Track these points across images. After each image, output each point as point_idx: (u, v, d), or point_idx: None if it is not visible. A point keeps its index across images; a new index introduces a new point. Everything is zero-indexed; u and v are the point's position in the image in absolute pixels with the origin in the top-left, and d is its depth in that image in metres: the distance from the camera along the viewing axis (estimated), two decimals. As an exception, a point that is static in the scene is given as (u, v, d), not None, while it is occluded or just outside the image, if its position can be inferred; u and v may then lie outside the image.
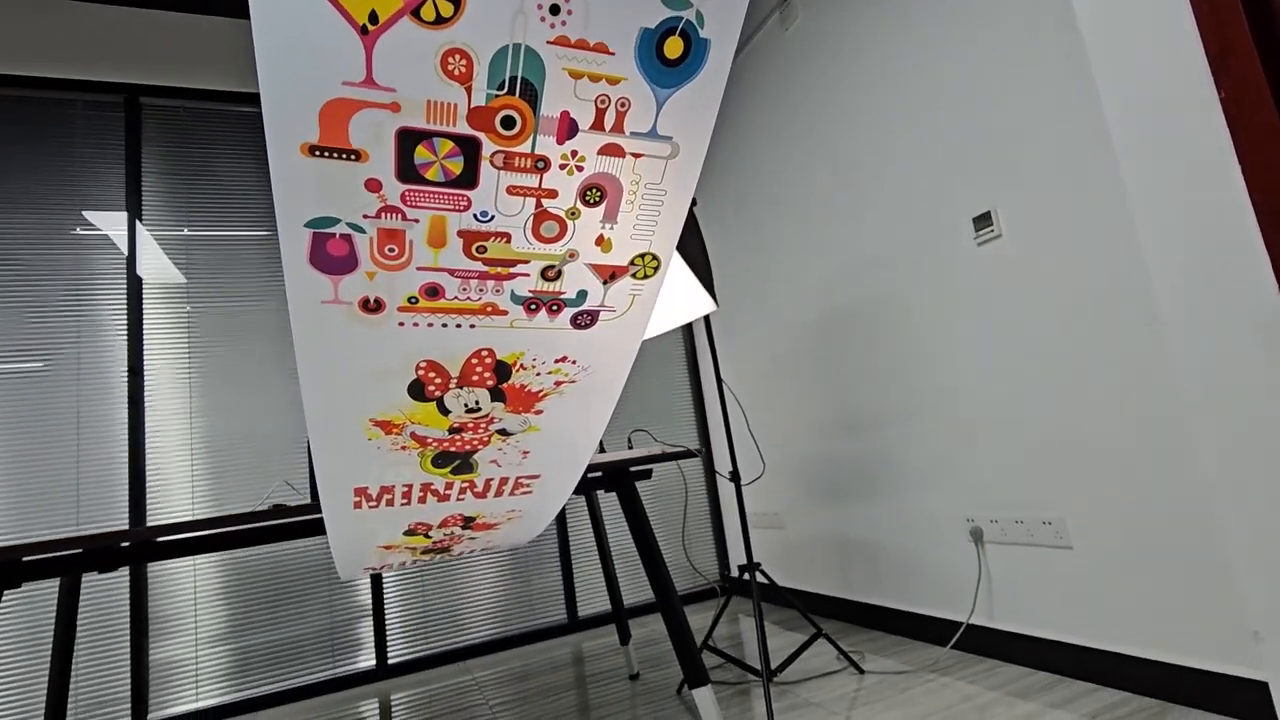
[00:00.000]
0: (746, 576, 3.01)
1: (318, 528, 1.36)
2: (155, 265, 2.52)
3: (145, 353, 2.46)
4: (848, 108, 2.23)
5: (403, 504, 0.93)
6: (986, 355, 1.80)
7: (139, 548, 1.27)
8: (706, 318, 1.81)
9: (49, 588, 2.21)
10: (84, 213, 2.46)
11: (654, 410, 3.22)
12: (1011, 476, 1.75)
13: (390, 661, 2.54)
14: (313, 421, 0.76)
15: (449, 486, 0.94)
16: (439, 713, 2.03)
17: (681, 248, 1.58)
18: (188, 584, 2.36)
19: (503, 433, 0.87)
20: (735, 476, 1.78)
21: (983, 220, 1.77)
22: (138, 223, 2.53)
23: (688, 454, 1.63)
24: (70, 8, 2.57)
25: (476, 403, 0.81)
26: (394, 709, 2.13)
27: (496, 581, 2.76)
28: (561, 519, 2.93)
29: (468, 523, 0.99)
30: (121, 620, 2.27)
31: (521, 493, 1.01)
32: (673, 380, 3.31)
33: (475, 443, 0.87)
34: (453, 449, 0.86)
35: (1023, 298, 1.69)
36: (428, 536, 0.97)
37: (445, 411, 0.80)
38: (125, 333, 2.44)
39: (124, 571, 2.30)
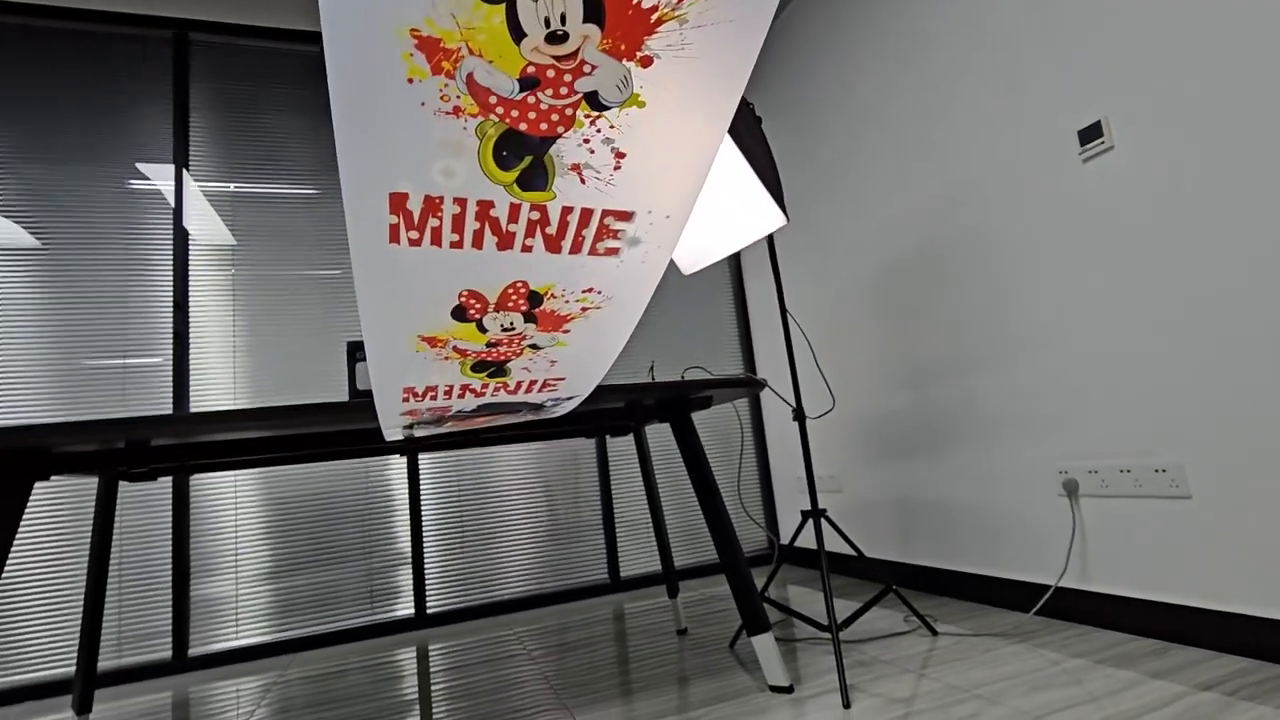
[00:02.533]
0: (783, 543, 2.86)
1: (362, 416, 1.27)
2: (203, 221, 2.49)
3: (190, 293, 2.43)
4: (927, 9, 2.04)
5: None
6: (1089, 287, 1.61)
7: (177, 450, 1.20)
8: (770, 240, 1.66)
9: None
10: (137, 164, 2.43)
11: (697, 344, 3.08)
12: (1117, 423, 1.56)
13: (429, 611, 2.48)
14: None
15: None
16: (479, 660, 1.95)
17: (749, 154, 1.44)
18: (229, 522, 2.34)
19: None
20: (799, 415, 1.63)
21: (1091, 132, 1.57)
22: (185, 172, 2.49)
23: (753, 382, 1.49)
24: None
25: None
26: (433, 656, 2.05)
27: (538, 538, 2.68)
28: (605, 473, 2.82)
29: (530, 315, 0.89)
30: (164, 555, 2.25)
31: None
32: (718, 313, 3.17)
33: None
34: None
35: (1138, 218, 1.49)
36: (482, 330, 0.86)
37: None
38: (171, 273, 2.41)
39: (166, 504, 2.28)
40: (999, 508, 1.87)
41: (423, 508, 2.55)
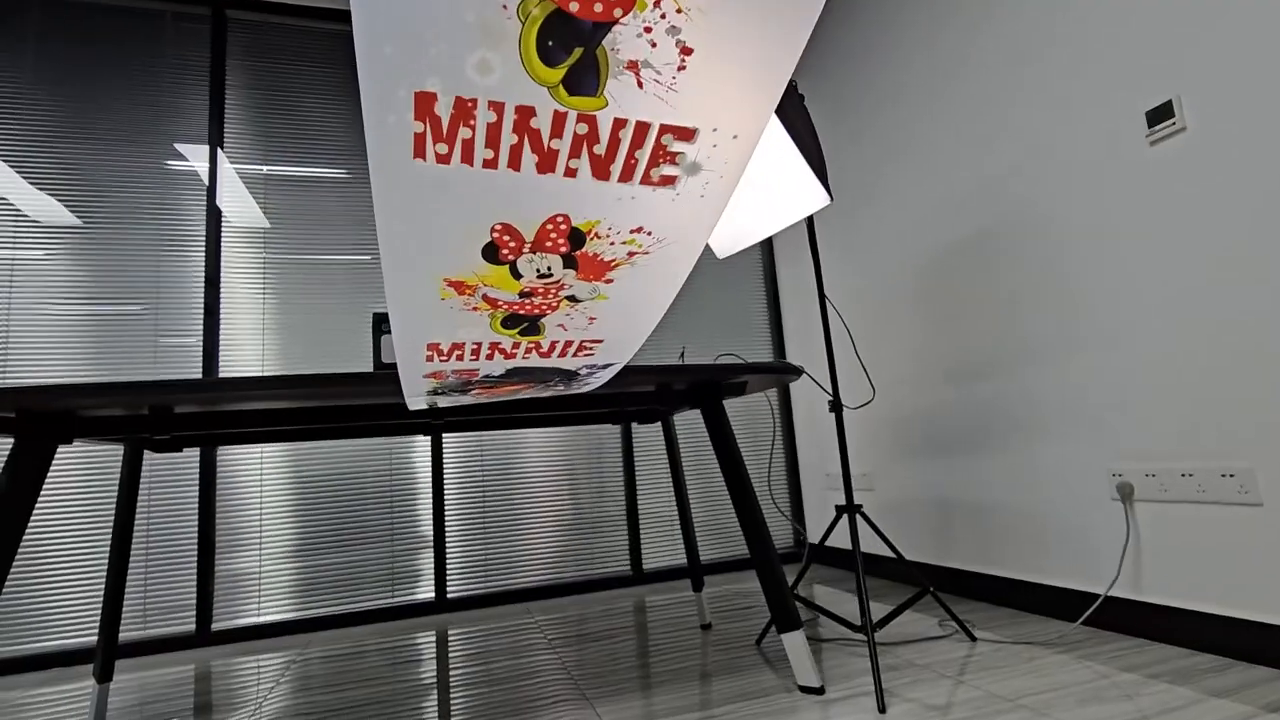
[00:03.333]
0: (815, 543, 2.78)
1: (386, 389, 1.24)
2: (237, 203, 2.49)
3: (222, 272, 2.44)
4: None
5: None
6: (1152, 279, 1.51)
7: (201, 418, 1.18)
8: (810, 221, 1.59)
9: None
10: (176, 145, 2.43)
11: (726, 331, 3.01)
12: (1179, 424, 1.46)
13: (449, 595, 2.46)
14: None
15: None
16: (498, 647, 1.92)
17: (791, 128, 1.37)
18: (254, 499, 2.34)
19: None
20: (836, 405, 1.56)
21: (1160, 113, 1.47)
22: (219, 152, 2.49)
23: (790, 370, 1.42)
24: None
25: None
26: (452, 641, 2.03)
27: (560, 527, 2.64)
28: (629, 462, 2.77)
29: (570, 259, 0.79)
30: (190, 529, 2.26)
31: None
32: (748, 299, 3.10)
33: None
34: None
35: (1210, 206, 1.39)
36: (516, 275, 0.77)
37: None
38: (204, 250, 2.42)
39: (193, 478, 2.29)
40: (1044, 510, 1.78)
41: (445, 492, 2.53)
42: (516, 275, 0.76)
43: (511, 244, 0.72)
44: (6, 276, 2.23)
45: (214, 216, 2.44)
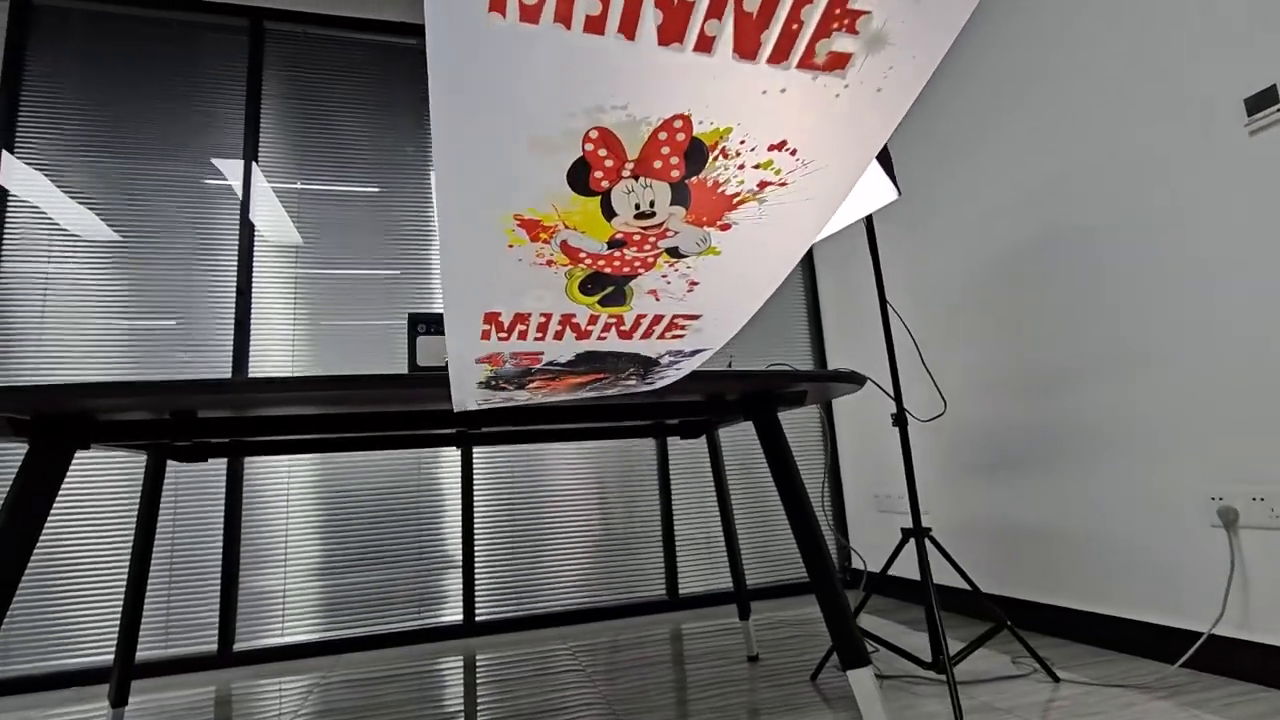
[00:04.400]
0: (864, 569, 2.61)
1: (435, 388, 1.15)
2: (271, 219, 2.46)
3: (254, 279, 2.40)
4: (1047, -4, 1.83)
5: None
6: (1254, 282, 1.36)
7: (224, 424, 1.10)
8: (870, 221, 1.48)
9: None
10: (213, 160, 2.42)
11: (760, 340, 2.89)
12: (1292, 438, 1.31)
13: (478, 618, 2.35)
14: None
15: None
16: (529, 674, 1.80)
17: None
18: (280, 515, 2.27)
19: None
20: (900, 419, 1.43)
21: (1263, 99, 1.34)
22: (254, 166, 2.47)
23: (853, 378, 1.31)
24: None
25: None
26: (481, 667, 1.92)
27: (592, 548, 2.52)
28: (665, 479, 2.65)
29: (681, 189, 0.61)
30: (215, 544, 2.19)
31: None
32: (784, 307, 2.98)
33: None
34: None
35: (1326, 195, 1.25)
36: (608, 211, 0.60)
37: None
38: (236, 259, 2.39)
39: (220, 492, 2.23)
40: (1131, 538, 1.62)
41: (475, 509, 2.44)
42: (609, 212, 0.59)
43: (609, 162, 0.55)
44: (41, 289, 2.22)
45: (247, 229, 2.41)
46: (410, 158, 2.64)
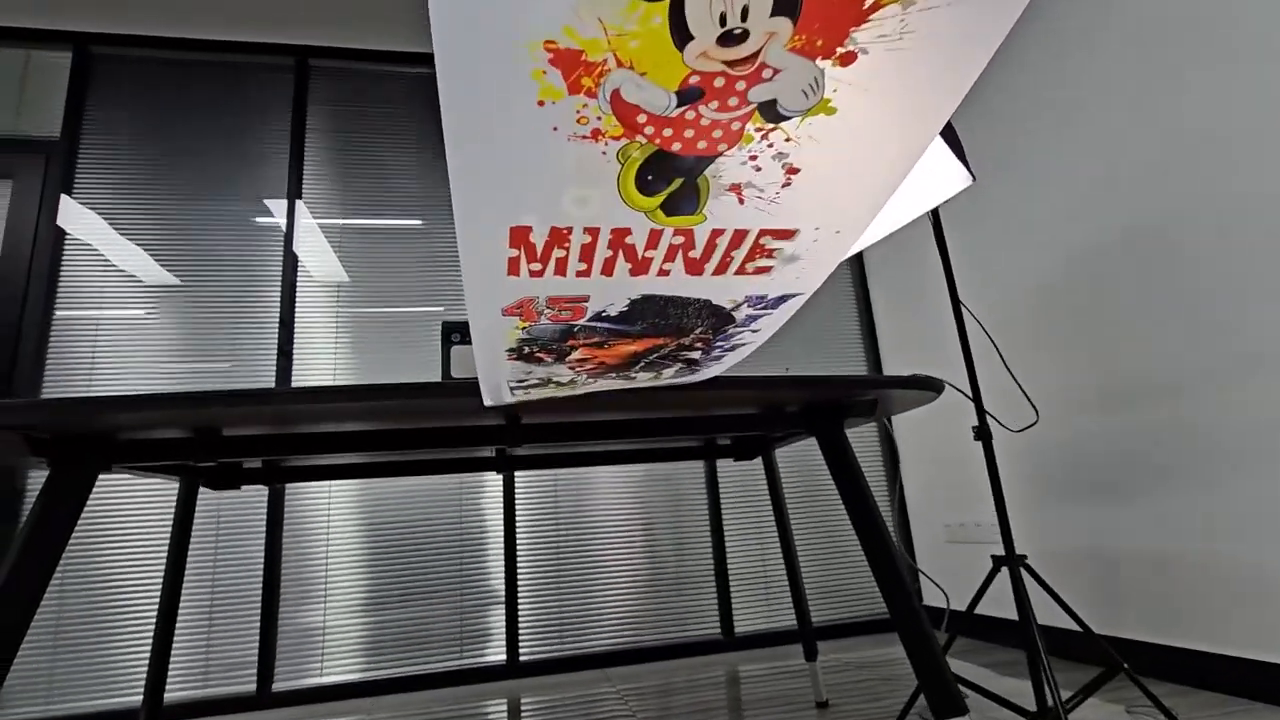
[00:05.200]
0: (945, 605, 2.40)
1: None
2: (317, 256, 2.47)
3: (296, 312, 2.40)
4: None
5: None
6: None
7: (255, 442, 1.04)
8: (935, 214, 1.36)
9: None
10: (264, 200, 2.46)
11: (805, 347, 2.74)
12: None
13: (521, 659, 2.23)
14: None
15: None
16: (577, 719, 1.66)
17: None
18: (320, 548, 2.21)
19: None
20: (983, 432, 1.28)
21: (1392, 57, 1.18)
22: (298, 204, 2.50)
23: (931, 384, 1.17)
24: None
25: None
26: (526, 713, 1.79)
27: (639, 583, 2.38)
28: (715, 506, 2.51)
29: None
30: (255, 579, 2.14)
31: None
32: (830, 309, 2.83)
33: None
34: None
35: None
36: (682, 37, 0.41)
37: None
38: (279, 295, 2.40)
39: (261, 520, 2.18)
40: (1260, 566, 1.41)
41: (517, 542, 2.34)
42: (681, 31, 0.40)
43: None
44: (93, 332, 2.25)
45: (290, 260, 2.42)
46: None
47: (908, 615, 1.14)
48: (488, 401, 0.76)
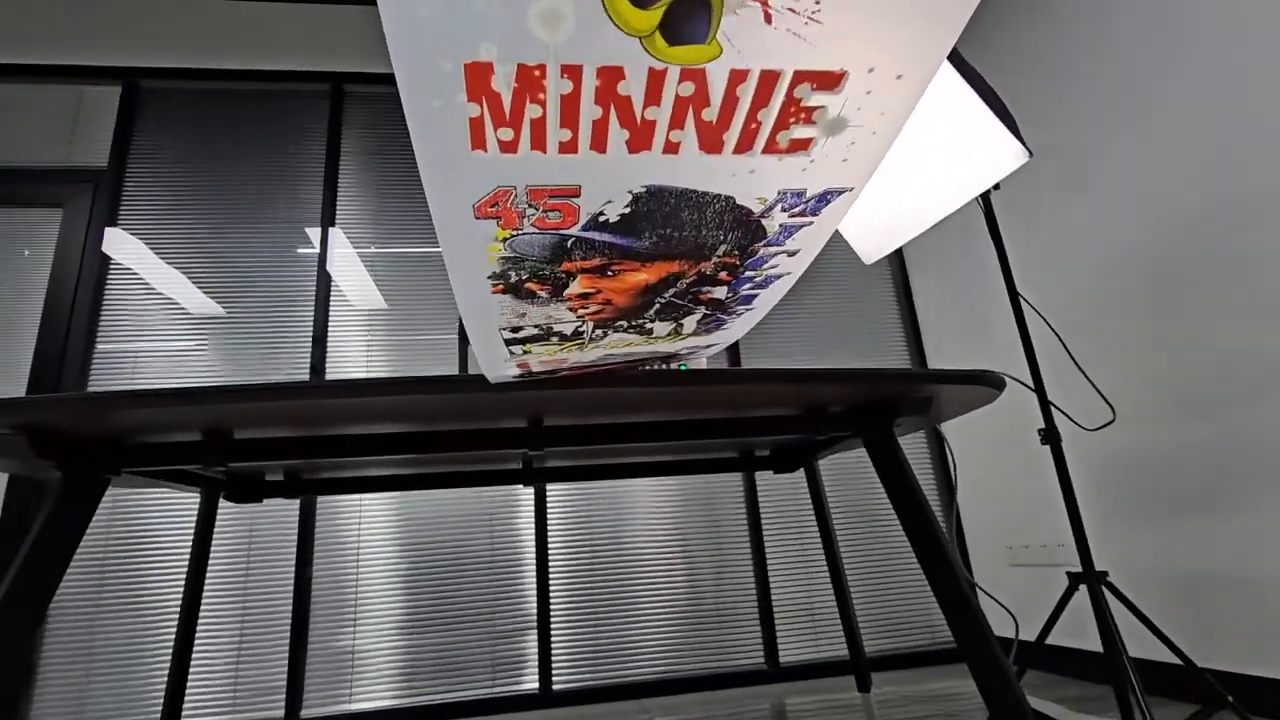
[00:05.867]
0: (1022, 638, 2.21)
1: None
2: (354, 282, 2.47)
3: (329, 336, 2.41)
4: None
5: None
6: None
7: (271, 446, 0.99)
8: (986, 199, 1.26)
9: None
10: (306, 230, 2.49)
11: (839, 344, 2.60)
12: None
13: (555, 688, 2.13)
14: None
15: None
16: (612, 753, 1.55)
17: (960, 67, 1.08)
18: (350, 567, 2.16)
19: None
20: (1051, 435, 1.16)
21: None
22: (331, 229, 2.52)
23: (991, 380, 1.06)
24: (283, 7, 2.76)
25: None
26: (557, 743, 1.69)
27: (679, 611, 2.27)
28: (755, 524, 2.38)
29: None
30: (284, 599, 2.10)
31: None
32: (867, 302, 2.70)
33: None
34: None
35: None
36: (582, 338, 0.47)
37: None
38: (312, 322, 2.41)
39: (290, 541, 2.15)
40: (1384, 585, 1.23)
41: (550, 566, 2.25)
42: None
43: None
44: (132, 362, 2.28)
45: (324, 281, 2.43)
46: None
47: (977, 642, 1.01)
48: (490, 375, 0.69)
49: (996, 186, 1.24)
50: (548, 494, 2.34)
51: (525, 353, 0.64)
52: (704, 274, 0.56)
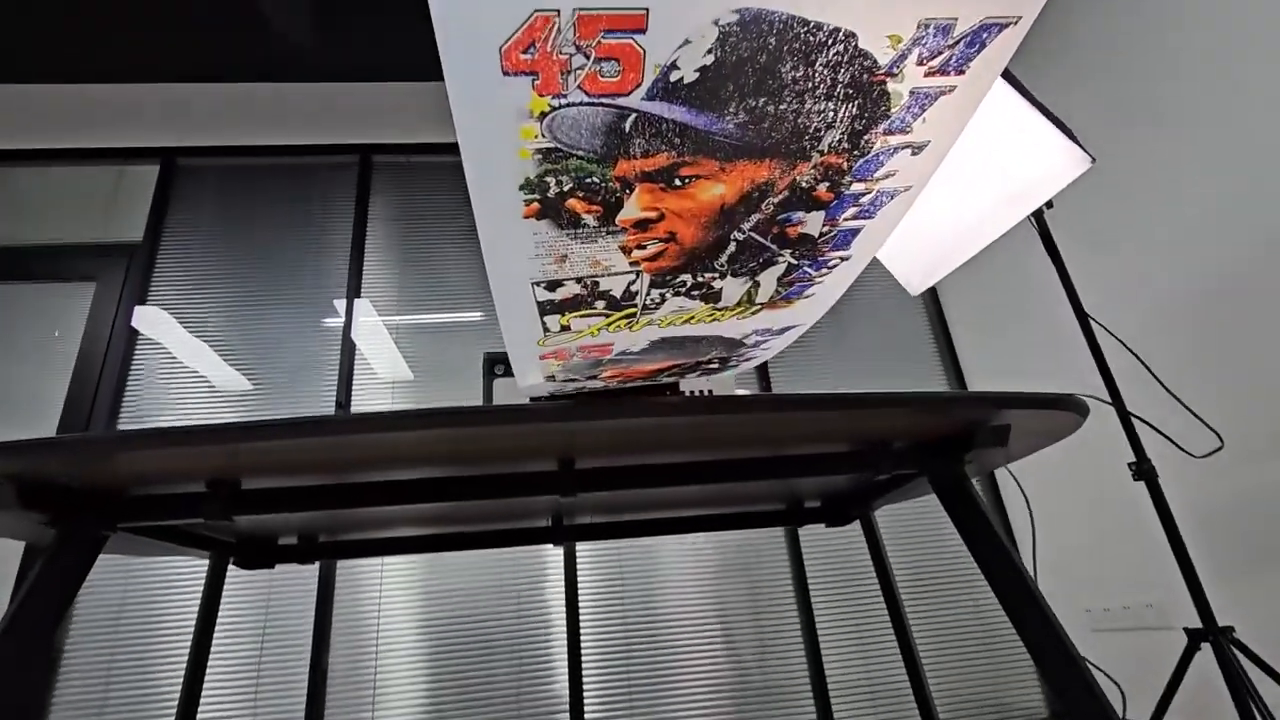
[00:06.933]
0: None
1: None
2: (380, 353, 2.45)
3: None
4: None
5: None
6: None
7: (283, 496, 0.90)
8: (1038, 211, 1.18)
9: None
10: (334, 302, 2.49)
11: (864, 371, 2.45)
12: None
13: (589, 779, 1.92)
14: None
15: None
16: None
17: (1012, 81, 1.03)
18: (369, 647, 2.02)
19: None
20: (1143, 470, 1.03)
21: None
22: (357, 300, 2.52)
23: (1077, 406, 0.95)
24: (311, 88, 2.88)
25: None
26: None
27: (723, 694, 2.07)
28: (802, 590, 2.19)
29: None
30: (301, 676, 1.95)
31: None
32: (895, 325, 2.55)
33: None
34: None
35: None
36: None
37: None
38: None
39: (308, 608, 2.02)
40: None
41: (581, 645, 2.08)
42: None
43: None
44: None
45: (348, 349, 2.41)
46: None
47: (1086, 700, 0.86)
48: (521, 377, 0.66)
49: (1050, 204, 1.17)
50: (578, 569, 2.19)
51: (563, 329, 0.54)
52: (798, 186, 0.42)
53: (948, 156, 1.18)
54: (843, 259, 0.52)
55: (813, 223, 0.46)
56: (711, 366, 0.74)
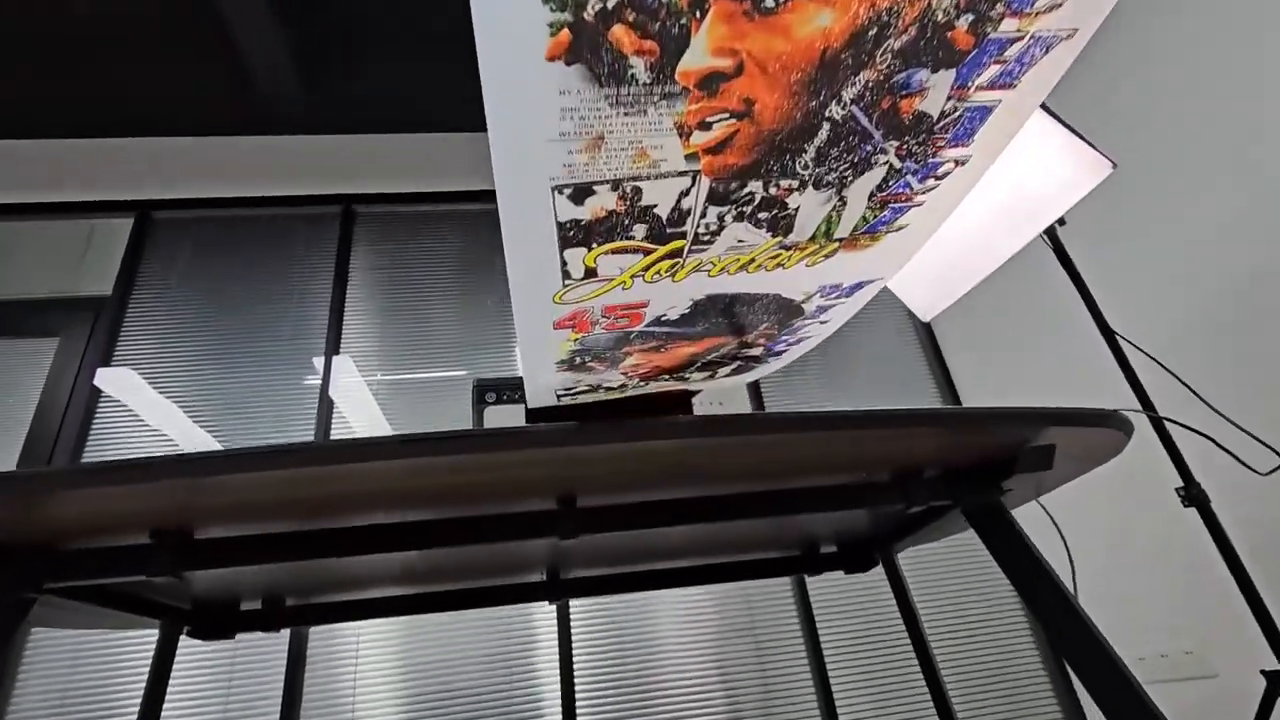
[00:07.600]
0: None
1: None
2: (359, 411, 2.34)
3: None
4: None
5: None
6: None
7: (239, 546, 0.78)
8: (1050, 227, 1.13)
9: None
10: (314, 359, 2.38)
11: (849, 392, 2.35)
12: None
13: None
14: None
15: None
16: None
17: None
18: (346, 707, 1.83)
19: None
20: (1193, 495, 0.95)
21: None
22: (335, 357, 2.43)
23: (1121, 423, 0.87)
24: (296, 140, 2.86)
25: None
26: None
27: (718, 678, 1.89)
28: (815, 649, 2.04)
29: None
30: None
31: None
32: (883, 342, 2.47)
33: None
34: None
35: None
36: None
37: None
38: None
39: (278, 672, 1.83)
40: None
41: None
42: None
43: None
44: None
45: (325, 405, 2.29)
46: (496, 324, 2.52)
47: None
48: (532, 403, 0.61)
49: (1062, 221, 1.13)
50: (571, 626, 2.03)
51: (588, 273, 0.48)
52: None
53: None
54: (958, 162, 0.40)
55: (936, 91, 0.35)
56: (753, 354, 0.66)
